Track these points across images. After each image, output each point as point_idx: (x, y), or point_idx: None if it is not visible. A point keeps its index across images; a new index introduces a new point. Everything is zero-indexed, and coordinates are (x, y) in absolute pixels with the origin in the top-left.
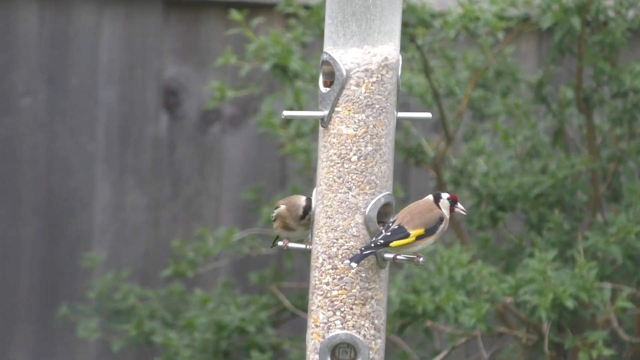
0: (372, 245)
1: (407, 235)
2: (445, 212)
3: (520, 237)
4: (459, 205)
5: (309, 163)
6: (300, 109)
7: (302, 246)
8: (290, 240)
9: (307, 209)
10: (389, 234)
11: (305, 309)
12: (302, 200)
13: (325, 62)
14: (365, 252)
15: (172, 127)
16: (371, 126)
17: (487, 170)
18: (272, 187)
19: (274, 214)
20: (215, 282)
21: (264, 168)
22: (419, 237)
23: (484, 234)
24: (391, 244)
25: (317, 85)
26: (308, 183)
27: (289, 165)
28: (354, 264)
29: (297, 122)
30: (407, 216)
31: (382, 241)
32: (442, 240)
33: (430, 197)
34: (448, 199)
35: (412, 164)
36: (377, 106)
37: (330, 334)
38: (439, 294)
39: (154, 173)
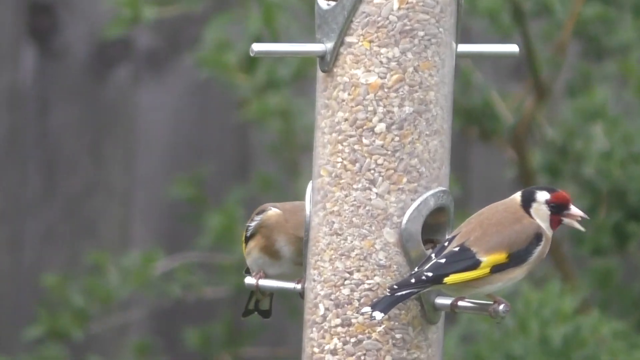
0: (413, 281)
1: (477, 264)
2: (544, 225)
3: None
4: (573, 210)
5: (290, 135)
6: (274, 39)
7: (289, 285)
8: (266, 274)
9: None
10: (442, 261)
11: None
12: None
13: None
14: (398, 294)
15: (44, 71)
16: (410, 70)
17: (609, 148)
18: (225, 177)
19: (252, 225)
20: (122, 346)
21: (210, 144)
22: (496, 268)
23: (602, 262)
24: (446, 280)
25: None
26: (290, 171)
27: (255, 138)
28: (378, 314)
29: (270, 63)
30: (476, 229)
31: (429, 274)
32: (529, 273)
33: (516, 196)
34: (547, 201)
35: (474, 138)
36: (421, 33)
37: None
38: None
39: (11, 153)
